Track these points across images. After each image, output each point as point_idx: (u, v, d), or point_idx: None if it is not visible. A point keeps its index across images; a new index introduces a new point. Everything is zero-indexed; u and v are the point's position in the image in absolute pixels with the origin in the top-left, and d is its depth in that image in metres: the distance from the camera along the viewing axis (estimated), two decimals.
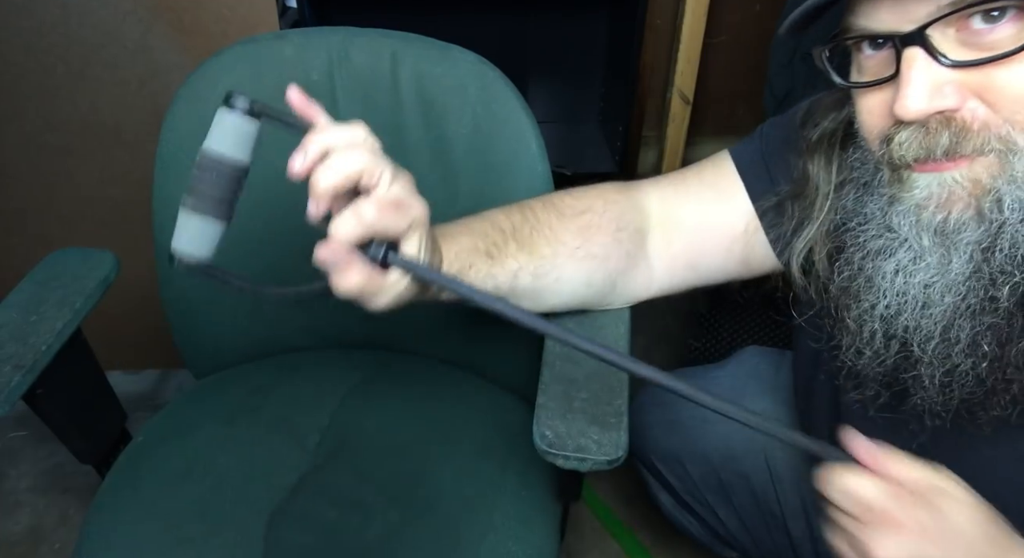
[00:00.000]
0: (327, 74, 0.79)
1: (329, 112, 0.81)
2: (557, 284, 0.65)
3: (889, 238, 0.49)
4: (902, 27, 0.43)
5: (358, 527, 0.70)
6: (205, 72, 0.80)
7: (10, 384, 0.65)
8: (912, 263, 0.48)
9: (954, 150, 0.44)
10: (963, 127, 0.43)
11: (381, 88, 0.79)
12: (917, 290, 0.48)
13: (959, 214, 0.45)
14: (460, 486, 0.74)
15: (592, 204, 0.66)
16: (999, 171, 0.44)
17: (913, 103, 0.43)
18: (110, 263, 0.80)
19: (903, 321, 0.49)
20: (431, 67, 0.79)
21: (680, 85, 1.58)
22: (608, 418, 0.61)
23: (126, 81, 1.12)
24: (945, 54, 0.43)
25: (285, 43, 0.79)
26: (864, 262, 0.51)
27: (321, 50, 0.79)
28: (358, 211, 0.49)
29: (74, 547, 0.73)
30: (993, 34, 0.42)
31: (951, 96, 0.43)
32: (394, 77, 0.79)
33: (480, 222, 0.63)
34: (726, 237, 0.66)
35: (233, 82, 0.78)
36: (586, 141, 1.67)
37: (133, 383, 1.48)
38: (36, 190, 1.22)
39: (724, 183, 0.66)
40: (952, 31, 0.43)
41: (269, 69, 0.79)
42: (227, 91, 0.47)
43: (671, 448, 0.89)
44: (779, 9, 1.26)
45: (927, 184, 0.46)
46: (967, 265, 0.46)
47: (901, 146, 0.46)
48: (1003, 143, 0.43)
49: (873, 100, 0.48)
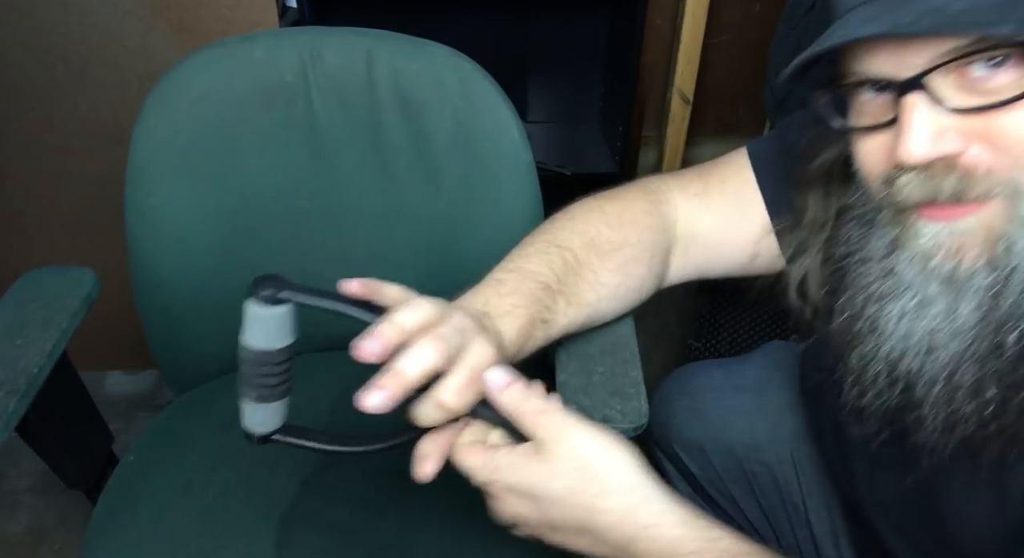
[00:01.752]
0: (301, 75, 0.78)
1: (304, 113, 0.81)
2: (601, 321, 0.67)
3: (893, 283, 0.48)
4: (901, 73, 0.43)
5: (372, 525, 0.70)
6: (174, 77, 0.78)
7: (7, 410, 0.63)
8: (917, 309, 0.47)
9: (960, 194, 0.43)
10: (968, 172, 0.43)
11: (357, 87, 0.79)
12: (922, 335, 0.48)
13: (971, 263, 0.45)
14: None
15: (628, 236, 0.65)
16: (1009, 215, 0.43)
17: (916, 148, 0.42)
18: (90, 280, 0.77)
19: (907, 364, 0.49)
20: (407, 63, 0.78)
21: (680, 85, 1.58)
22: (627, 389, 0.65)
23: (126, 81, 1.12)
24: (947, 100, 0.42)
25: (254, 45, 0.78)
26: (867, 304, 0.50)
27: (292, 51, 0.78)
28: (438, 400, 0.46)
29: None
30: (994, 80, 0.41)
31: (953, 141, 0.43)
32: (369, 75, 0.78)
33: (526, 282, 0.60)
34: (740, 245, 0.66)
35: (204, 87, 0.77)
36: (586, 141, 1.67)
37: (133, 383, 1.48)
38: (36, 190, 1.22)
39: (743, 194, 0.66)
40: (952, 77, 0.42)
41: (240, 72, 0.78)
42: (254, 279, 0.45)
43: (695, 437, 0.88)
44: (779, 9, 1.26)
45: (935, 233, 0.45)
46: (975, 312, 0.45)
47: (903, 190, 0.45)
48: (1009, 187, 0.43)
49: (873, 143, 0.47)
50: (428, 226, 0.84)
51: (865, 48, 0.44)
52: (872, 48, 0.44)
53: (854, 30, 0.42)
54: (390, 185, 0.83)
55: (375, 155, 0.81)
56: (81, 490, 0.81)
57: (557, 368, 0.67)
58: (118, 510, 0.75)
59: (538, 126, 1.66)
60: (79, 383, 0.80)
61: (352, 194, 0.83)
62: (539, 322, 0.59)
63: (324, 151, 0.81)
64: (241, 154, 0.80)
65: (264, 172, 0.81)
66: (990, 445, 0.48)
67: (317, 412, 0.82)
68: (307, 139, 0.80)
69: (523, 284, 0.60)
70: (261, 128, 0.79)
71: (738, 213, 0.66)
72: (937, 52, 0.41)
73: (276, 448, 0.50)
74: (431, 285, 0.88)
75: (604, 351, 0.68)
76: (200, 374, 0.90)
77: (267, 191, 0.82)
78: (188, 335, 0.87)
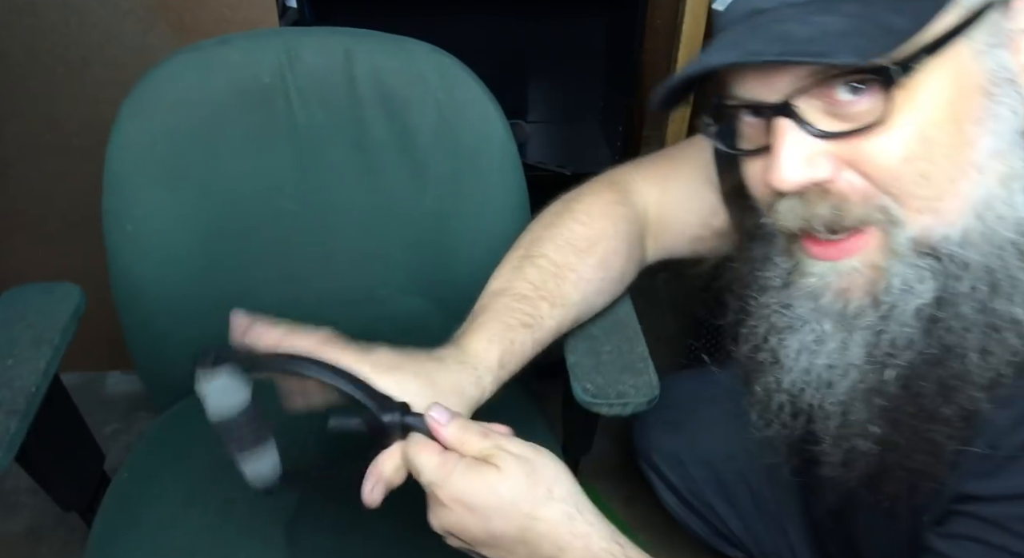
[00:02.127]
0: (278, 76, 0.78)
1: (284, 114, 0.81)
2: (590, 315, 0.69)
3: (791, 317, 0.49)
4: (769, 97, 0.43)
5: (380, 518, 0.70)
6: (149, 83, 0.77)
7: (10, 432, 0.61)
8: (815, 344, 0.48)
9: (836, 223, 0.43)
10: (841, 198, 0.43)
11: (337, 86, 0.79)
12: (821, 370, 0.48)
13: (858, 302, 0.45)
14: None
15: (604, 229, 0.66)
16: (887, 248, 0.44)
17: (786, 174, 0.42)
18: (76, 295, 0.76)
19: (808, 398, 0.49)
20: (387, 61, 0.78)
21: None
22: (636, 364, 0.67)
23: (126, 81, 1.11)
24: (813, 124, 0.42)
25: (230, 48, 0.77)
26: (769, 336, 0.51)
27: (268, 52, 0.77)
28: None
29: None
30: (857, 105, 0.41)
31: (824, 167, 0.43)
32: (349, 74, 0.78)
33: (500, 300, 0.61)
34: (699, 224, 0.67)
35: (180, 92, 0.77)
36: (586, 141, 1.66)
37: (133, 383, 1.48)
38: (36, 190, 1.22)
39: (700, 174, 0.66)
40: (819, 102, 0.42)
41: (217, 75, 0.77)
42: (194, 356, 0.47)
43: (672, 449, 0.89)
44: None
45: (823, 273, 0.46)
46: (862, 349, 0.46)
47: (780, 216, 0.45)
48: (884, 214, 0.43)
49: (755, 168, 0.48)
50: (416, 222, 0.84)
51: (735, 72, 0.44)
52: (740, 73, 0.44)
53: (709, 58, 0.42)
54: (375, 183, 0.83)
55: (359, 153, 0.81)
56: (76, 511, 0.79)
57: (567, 352, 0.69)
58: (118, 529, 0.73)
59: (538, 126, 1.65)
60: (70, 402, 0.79)
61: (337, 194, 0.83)
62: (519, 327, 0.59)
63: (306, 152, 0.81)
64: (222, 158, 0.79)
65: (246, 176, 0.80)
66: (885, 480, 0.49)
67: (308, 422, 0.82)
68: (288, 140, 0.80)
69: (495, 302, 0.61)
70: (241, 131, 0.79)
71: (695, 193, 0.67)
72: (798, 75, 0.41)
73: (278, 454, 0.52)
74: (421, 280, 0.89)
75: (608, 332, 0.71)
76: (188, 386, 0.88)
77: (250, 195, 0.81)
78: (175, 346, 0.85)
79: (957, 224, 0.43)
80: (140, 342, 0.85)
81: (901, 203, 0.42)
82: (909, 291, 0.44)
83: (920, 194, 0.42)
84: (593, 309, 0.68)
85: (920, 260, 0.43)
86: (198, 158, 0.78)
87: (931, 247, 0.43)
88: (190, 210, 0.79)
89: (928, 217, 0.43)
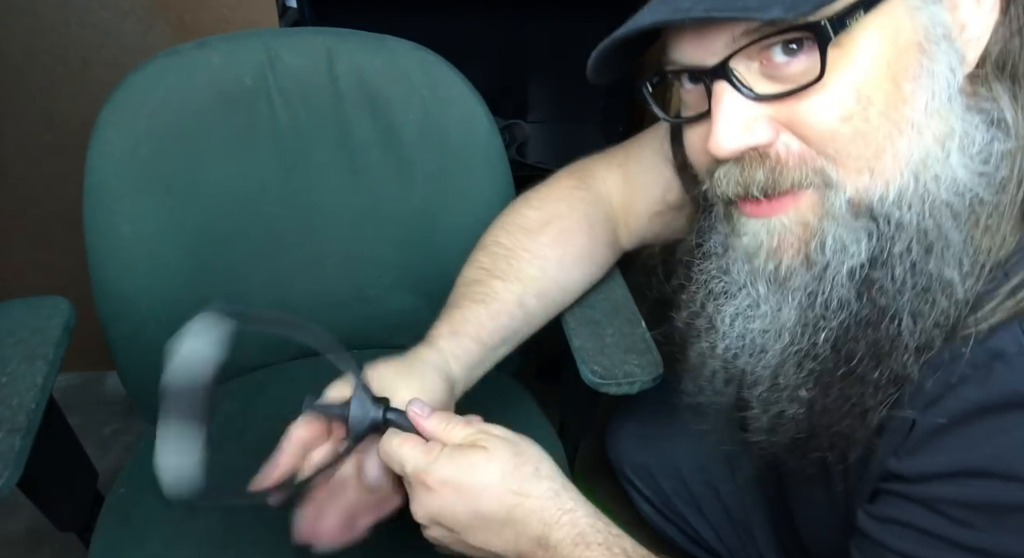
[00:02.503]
0: (260, 78, 0.77)
1: (266, 115, 0.81)
2: (563, 294, 0.68)
3: (727, 282, 0.49)
4: (706, 61, 0.42)
5: (389, 521, 0.70)
6: (129, 89, 0.75)
7: (14, 449, 0.60)
8: (750, 309, 0.48)
9: (772, 186, 0.43)
10: (778, 162, 0.43)
11: (319, 86, 0.78)
12: (755, 335, 0.48)
13: (790, 261, 0.45)
14: None
15: (556, 210, 0.66)
16: (821, 208, 0.43)
17: (724, 140, 0.42)
18: (66, 308, 0.74)
19: (741, 363, 0.49)
20: (369, 60, 0.78)
21: None
22: (638, 345, 0.69)
23: None
24: (750, 87, 0.42)
25: (211, 51, 0.77)
26: (706, 302, 0.51)
27: (249, 54, 0.77)
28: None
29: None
30: (792, 66, 0.41)
31: (762, 131, 0.42)
32: (331, 74, 0.78)
33: (453, 294, 0.64)
34: (659, 204, 0.67)
35: (161, 97, 0.76)
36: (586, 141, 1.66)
37: None
38: (35, 190, 1.22)
39: (658, 159, 0.66)
40: (756, 65, 0.42)
41: (198, 79, 0.76)
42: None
43: (643, 462, 0.90)
44: None
45: (755, 231, 0.45)
46: (794, 312, 0.45)
47: (720, 182, 0.45)
48: (820, 176, 0.42)
49: (695, 135, 0.47)
50: (404, 221, 0.84)
51: (672, 35, 0.44)
52: (677, 34, 0.43)
53: (639, 19, 0.41)
54: (362, 183, 0.82)
55: (344, 154, 0.81)
56: (73, 531, 0.78)
57: (570, 337, 0.70)
58: (120, 546, 0.71)
59: (538, 126, 1.66)
60: (63, 418, 0.77)
61: (323, 195, 0.83)
62: (472, 304, 0.61)
63: (291, 153, 0.80)
64: (205, 163, 0.78)
65: (231, 179, 0.80)
66: (812, 447, 0.48)
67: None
68: (273, 142, 0.79)
69: (450, 298, 0.63)
70: (224, 135, 0.78)
71: (652, 170, 0.66)
72: (732, 35, 0.41)
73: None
74: (410, 278, 0.89)
75: (608, 315, 0.72)
76: None
77: (235, 198, 0.81)
78: (164, 356, 0.84)
79: (893, 184, 0.42)
80: (128, 354, 0.82)
81: (838, 164, 0.42)
82: (843, 251, 0.43)
83: (857, 154, 0.41)
84: (568, 287, 0.68)
85: (856, 221, 0.43)
86: (181, 163, 0.78)
87: (867, 207, 0.42)
88: (175, 215, 0.79)
89: (865, 177, 0.42)
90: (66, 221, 1.26)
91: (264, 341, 0.89)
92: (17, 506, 1.28)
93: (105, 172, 0.76)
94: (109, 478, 0.81)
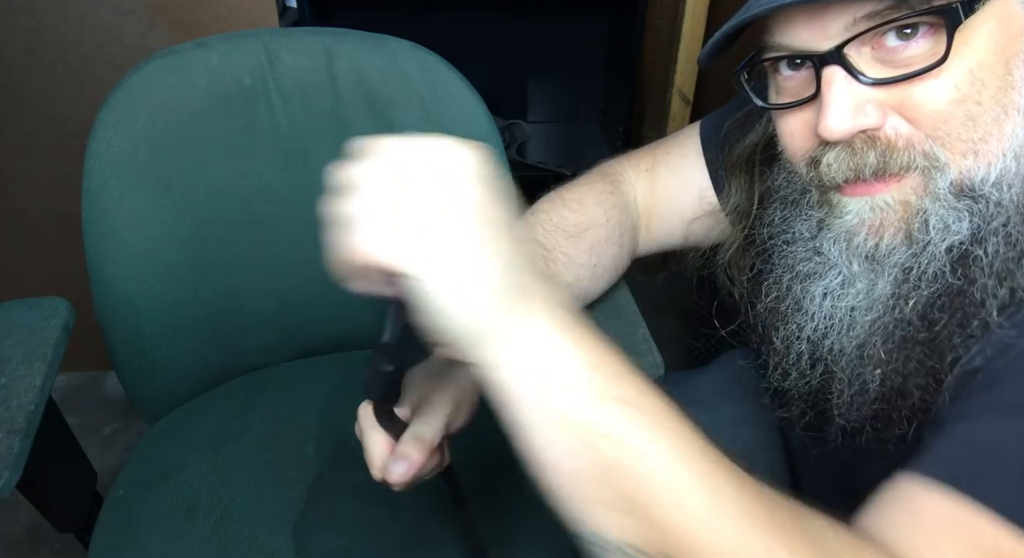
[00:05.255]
0: (259, 78, 0.77)
1: (265, 116, 0.80)
2: (584, 302, 0.68)
3: (818, 262, 0.49)
4: (819, 45, 0.43)
5: (388, 518, 0.70)
6: (127, 89, 0.75)
7: (13, 451, 0.60)
8: (841, 287, 0.48)
9: (882, 169, 0.44)
10: (888, 145, 0.43)
11: (318, 86, 0.78)
12: (844, 313, 0.48)
13: (890, 239, 0.46)
14: (474, 455, 0.73)
15: (595, 216, 0.66)
16: (924, 190, 0.44)
17: (836, 123, 0.43)
18: (65, 309, 0.74)
19: (829, 343, 0.50)
20: (368, 59, 0.78)
21: (680, 85, 1.57)
22: (639, 346, 0.69)
23: None
24: (863, 72, 0.42)
25: (209, 51, 0.76)
26: (793, 284, 0.51)
27: (248, 54, 0.76)
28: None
29: None
30: (907, 50, 0.42)
31: (873, 115, 0.43)
32: (331, 74, 0.77)
33: None
34: (693, 210, 0.67)
35: (160, 98, 0.75)
36: (586, 141, 1.66)
37: None
38: (36, 190, 1.22)
39: (687, 163, 0.66)
40: (868, 50, 0.42)
41: (197, 80, 0.76)
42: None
43: None
44: None
45: (858, 210, 0.46)
46: (889, 286, 0.46)
47: (830, 168, 0.45)
48: (928, 159, 0.43)
49: (795, 122, 0.48)
50: None
51: (783, 19, 0.44)
52: (790, 18, 0.44)
53: (767, 1, 0.42)
54: None
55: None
56: (72, 531, 0.78)
57: None
58: (119, 546, 0.71)
59: (538, 126, 1.66)
60: (63, 419, 0.77)
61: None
62: None
63: (291, 154, 0.80)
64: (204, 164, 0.78)
65: (230, 179, 0.79)
66: (896, 419, 0.48)
67: (305, 416, 0.82)
68: (272, 143, 0.79)
69: None
70: (223, 135, 0.78)
71: (682, 184, 0.67)
72: (853, 18, 0.41)
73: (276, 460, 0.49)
74: None
75: (609, 316, 0.72)
76: (177, 397, 0.87)
77: (235, 199, 0.81)
78: (164, 357, 0.83)
79: (995, 166, 0.43)
80: (127, 357, 0.82)
81: (946, 146, 0.43)
82: (945, 230, 0.44)
83: (966, 137, 0.42)
84: (587, 295, 0.68)
85: (958, 201, 0.44)
86: (180, 163, 0.77)
87: (969, 188, 0.44)
88: (174, 216, 0.78)
89: (969, 160, 0.43)
90: (65, 221, 1.26)
91: (264, 341, 0.89)
92: (17, 506, 1.28)
93: (104, 172, 0.75)
94: (109, 478, 0.81)
